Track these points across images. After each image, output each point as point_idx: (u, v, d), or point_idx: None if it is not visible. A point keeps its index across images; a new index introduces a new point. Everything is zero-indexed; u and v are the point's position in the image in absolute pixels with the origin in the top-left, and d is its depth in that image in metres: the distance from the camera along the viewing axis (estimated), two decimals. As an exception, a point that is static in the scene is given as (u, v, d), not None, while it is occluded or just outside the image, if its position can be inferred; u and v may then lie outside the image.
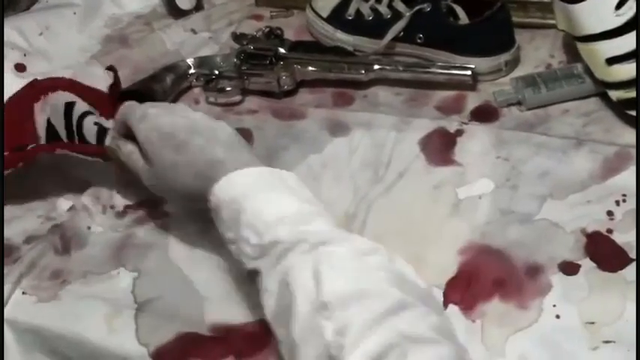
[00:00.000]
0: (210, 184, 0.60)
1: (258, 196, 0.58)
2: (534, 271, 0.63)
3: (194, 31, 1.00)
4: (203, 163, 0.62)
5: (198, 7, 1.05)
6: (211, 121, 0.66)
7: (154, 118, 0.66)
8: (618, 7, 0.72)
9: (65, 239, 0.72)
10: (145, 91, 0.87)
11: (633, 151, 0.72)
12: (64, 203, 0.76)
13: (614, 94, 0.75)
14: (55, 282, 0.68)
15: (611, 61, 0.74)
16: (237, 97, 0.88)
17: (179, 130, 0.64)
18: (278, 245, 0.55)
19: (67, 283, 0.68)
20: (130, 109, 0.69)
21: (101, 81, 0.92)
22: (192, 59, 0.91)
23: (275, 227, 0.56)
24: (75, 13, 1.03)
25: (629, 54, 0.72)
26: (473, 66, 0.83)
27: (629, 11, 0.72)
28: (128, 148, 0.68)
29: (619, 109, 0.76)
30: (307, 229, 0.55)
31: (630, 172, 0.70)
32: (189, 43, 0.98)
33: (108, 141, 0.72)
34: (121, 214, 0.75)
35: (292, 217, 0.56)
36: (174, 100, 0.89)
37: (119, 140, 0.69)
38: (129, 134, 0.68)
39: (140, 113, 0.67)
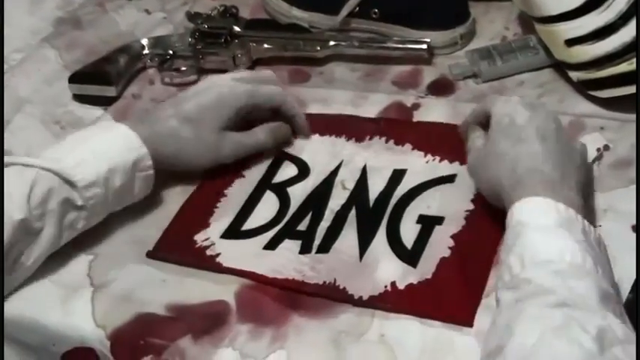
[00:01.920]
0: (517, 192, 0.57)
1: (544, 232, 0.54)
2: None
3: (148, 12, 0.99)
4: (528, 167, 0.59)
5: (152, -13, 1.03)
6: (572, 141, 0.64)
7: (515, 105, 0.63)
8: (576, -12, 0.73)
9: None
10: (98, 72, 0.86)
11: (586, 120, 0.73)
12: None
13: (575, 75, 0.75)
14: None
15: (571, 42, 0.74)
16: (193, 77, 0.87)
17: (531, 126, 0.61)
18: (530, 285, 0.51)
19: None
20: (494, 97, 0.69)
21: (52, 64, 0.91)
22: (147, 40, 0.90)
23: (537, 267, 0.52)
24: (25, -4, 1.01)
25: (589, 35, 0.73)
26: (428, 40, 0.83)
27: (588, -8, 0.72)
28: (477, 133, 0.66)
29: (576, 85, 0.76)
30: (568, 283, 0.50)
31: (584, 141, 0.70)
32: (143, 23, 0.97)
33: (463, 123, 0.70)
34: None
35: (561, 266, 0.51)
36: (129, 82, 0.87)
37: (473, 125, 0.68)
38: (478, 120, 0.68)
39: (505, 98, 0.66)
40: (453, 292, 0.59)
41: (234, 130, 0.72)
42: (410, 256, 0.62)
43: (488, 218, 0.64)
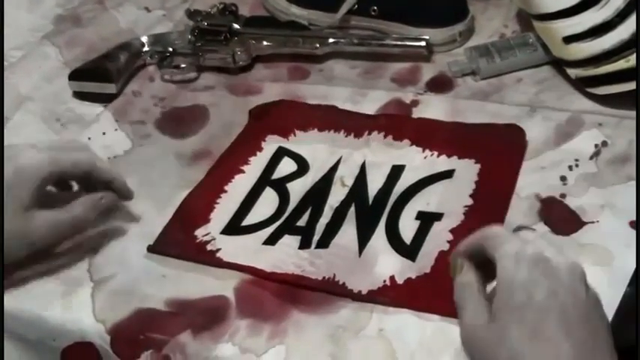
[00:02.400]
0: None
1: None
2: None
3: (147, 9, 0.99)
4: None
5: (152, -16, 1.03)
6: (597, 310, 0.48)
7: (529, 267, 0.47)
8: (575, -15, 0.73)
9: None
10: (98, 69, 0.86)
11: (585, 117, 0.73)
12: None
13: (573, 72, 0.76)
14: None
15: (569, 39, 0.74)
16: (193, 74, 0.87)
17: (552, 314, 0.46)
18: None
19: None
20: (499, 238, 0.50)
21: (52, 62, 0.91)
22: (146, 37, 0.90)
23: None
24: (25, -6, 1.01)
25: (586, 32, 0.73)
26: (427, 37, 0.83)
27: (584, -11, 0.73)
28: (468, 279, 0.51)
29: (574, 82, 0.76)
30: None
31: (582, 138, 0.71)
32: (142, 20, 0.97)
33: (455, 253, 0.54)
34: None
35: None
36: (129, 79, 0.88)
37: (466, 261, 0.52)
38: (474, 255, 0.52)
39: (515, 249, 0.48)
40: (452, 286, 0.59)
41: (45, 207, 0.61)
42: (409, 251, 0.63)
43: (488, 212, 0.64)
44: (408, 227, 0.65)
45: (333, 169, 0.72)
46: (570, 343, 0.45)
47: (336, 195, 0.69)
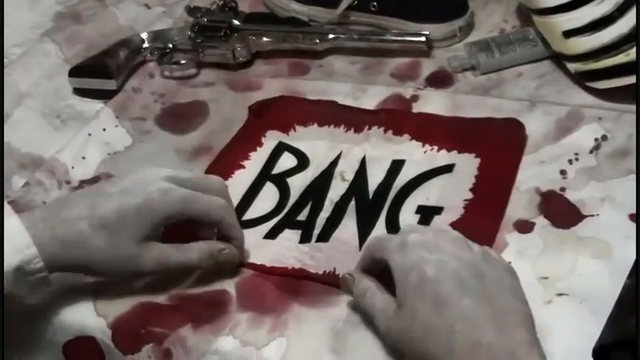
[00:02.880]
0: None
1: None
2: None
3: (147, 6, 0.99)
4: (466, 341, 0.48)
5: (151, -19, 1.03)
6: (487, 264, 0.52)
7: (417, 251, 0.52)
8: (574, -20, 0.73)
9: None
10: (99, 66, 0.86)
11: (585, 111, 0.73)
12: (18, 179, 0.75)
13: (573, 67, 0.76)
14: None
15: (569, 33, 0.74)
16: (193, 70, 0.87)
17: (446, 278, 0.50)
18: None
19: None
20: (381, 239, 0.56)
21: (52, 58, 0.91)
22: (146, 33, 0.90)
23: None
24: (25, -9, 1.01)
25: (585, 27, 0.73)
26: (427, 32, 0.83)
27: (584, -16, 0.73)
28: (364, 285, 0.56)
29: (574, 76, 0.76)
30: None
31: (582, 132, 0.71)
32: (142, 17, 0.97)
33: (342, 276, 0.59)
34: (76, 189, 0.73)
35: None
36: (129, 75, 0.88)
37: (357, 273, 0.57)
38: (370, 269, 0.57)
39: (399, 241, 0.53)
40: None
41: (160, 239, 0.61)
42: None
43: (488, 206, 0.64)
44: (408, 221, 0.65)
45: (334, 163, 0.72)
46: (472, 299, 0.49)
47: (337, 189, 0.69)
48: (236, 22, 0.88)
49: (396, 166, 0.70)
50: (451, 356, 0.48)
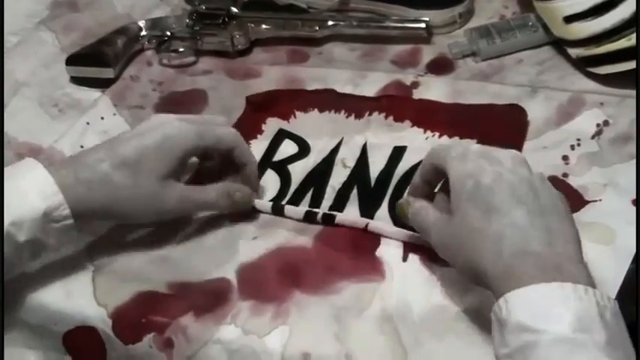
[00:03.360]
0: (508, 280, 0.48)
1: (563, 345, 0.44)
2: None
3: (144, -7, 0.98)
4: (512, 247, 0.49)
5: (148, -31, 1.03)
6: (544, 186, 0.53)
7: (477, 160, 0.53)
8: (574, -35, 0.72)
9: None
10: (96, 54, 0.86)
11: (586, 97, 0.73)
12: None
13: (574, 52, 0.75)
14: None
15: (570, 19, 0.74)
16: (191, 58, 0.87)
17: (501, 188, 0.51)
18: None
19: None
20: (442, 148, 0.57)
21: (49, 47, 0.91)
22: (144, 21, 0.90)
23: None
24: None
25: (587, 11, 0.72)
26: (427, 19, 0.83)
27: (584, -31, 0.72)
28: (418, 205, 0.58)
29: (575, 62, 0.76)
30: None
31: (583, 117, 0.71)
32: (139, 5, 0.96)
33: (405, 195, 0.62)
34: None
35: None
36: (127, 64, 0.87)
37: (409, 197, 0.60)
38: (428, 177, 0.59)
39: (460, 151, 0.55)
40: None
41: (179, 182, 0.63)
42: (412, 230, 0.62)
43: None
44: (409, 208, 0.65)
45: (334, 150, 0.71)
46: (524, 210, 0.50)
47: (338, 177, 0.69)
48: (234, 9, 0.87)
49: (398, 152, 0.70)
50: (497, 262, 0.49)
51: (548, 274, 0.47)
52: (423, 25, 0.82)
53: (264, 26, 0.87)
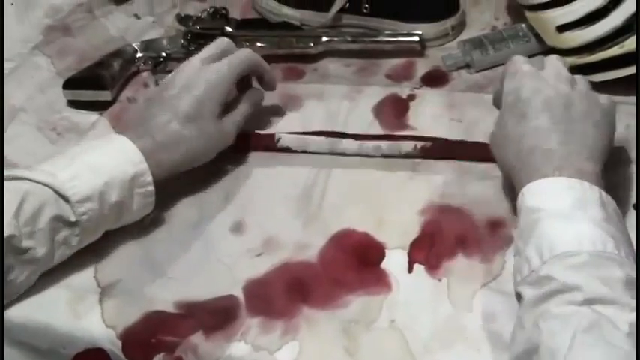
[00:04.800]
0: (528, 177, 0.56)
1: (560, 217, 0.52)
2: (495, 225, 0.64)
3: (137, 16, 0.99)
4: (532, 145, 0.57)
5: (140, -9, 1.03)
6: (583, 100, 0.60)
7: (522, 78, 0.61)
8: (564, -25, 0.73)
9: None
10: (93, 77, 0.86)
11: (581, 104, 0.74)
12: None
13: (567, 61, 0.76)
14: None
15: (562, 28, 0.75)
16: (187, 78, 0.87)
17: (536, 102, 0.59)
18: (552, 282, 0.49)
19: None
20: (508, 64, 0.64)
21: (44, 72, 0.91)
22: (139, 43, 0.90)
23: (558, 262, 0.49)
24: (12, 4, 1.00)
25: (579, 20, 0.73)
26: (420, 32, 0.84)
27: (574, -21, 0.73)
28: (496, 94, 0.66)
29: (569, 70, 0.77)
30: (593, 277, 0.48)
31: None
32: (133, 28, 0.97)
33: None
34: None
35: (584, 257, 0.49)
36: (123, 86, 0.87)
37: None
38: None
39: (513, 70, 0.63)
40: None
41: (227, 111, 0.72)
42: None
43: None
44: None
45: None
46: (547, 115, 0.58)
47: None
48: (228, 28, 0.88)
49: None
50: (520, 161, 0.58)
51: (558, 170, 0.54)
52: (416, 38, 0.84)
53: (258, 44, 0.87)
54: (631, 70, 0.72)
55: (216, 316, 0.60)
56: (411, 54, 0.85)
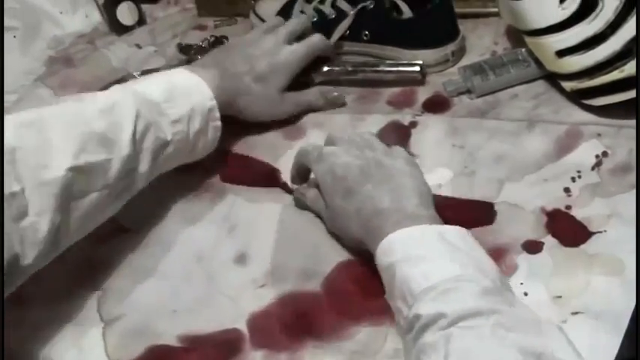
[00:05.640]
0: (375, 241, 0.59)
1: (409, 262, 0.55)
2: (499, 253, 0.64)
3: (139, 46, 1.00)
4: (369, 212, 0.61)
5: (141, 21, 1.04)
6: (387, 157, 0.65)
7: (329, 158, 0.65)
8: (562, 0, 0.73)
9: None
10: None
11: (583, 129, 0.74)
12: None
13: (568, 85, 0.76)
14: (17, 307, 0.66)
15: (561, 53, 0.75)
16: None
17: (352, 173, 0.63)
18: (420, 319, 0.51)
19: (29, 308, 0.66)
20: (305, 151, 0.69)
21: (48, 103, 0.91)
22: (140, 72, 0.90)
23: (419, 300, 0.52)
24: (15, 37, 1.01)
25: (578, 45, 0.73)
26: (420, 62, 0.84)
27: (572, 4, 0.73)
28: (311, 194, 0.69)
29: (570, 94, 0.77)
30: (450, 300, 0.51)
31: (582, 149, 0.72)
32: (134, 58, 0.97)
33: (295, 192, 0.72)
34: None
35: (438, 288, 0.52)
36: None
37: (303, 188, 0.71)
38: (301, 171, 0.71)
39: (317, 154, 0.67)
40: None
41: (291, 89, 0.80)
42: None
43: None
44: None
45: None
46: (372, 183, 0.62)
47: None
48: (229, 58, 0.88)
49: None
50: (364, 230, 0.61)
51: (397, 224, 0.58)
52: (417, 68, 0.83)
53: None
54: (631, 94, 0.71)
55: (220, 349, 0.60)
56: (411, 83, 0.84)
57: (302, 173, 0.71)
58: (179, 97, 0.69)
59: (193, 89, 0.71)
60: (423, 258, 0.55)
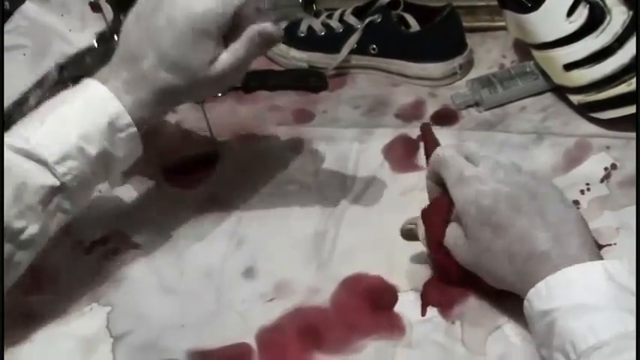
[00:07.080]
0: (527, 283, 0.52)
1: (573, 312, 0.49)
2: (508, 265, 0.63)
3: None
4: (524, 255, 0.53)
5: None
6: (542, 185, 0.56)
7: (473, 184, 0.56)
8: (569, 14, 0.74)
9: (36, 278, 0.70)
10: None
11: (592, 141, 0.74)
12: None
13: (575, 99, 0.76)
14: (27, 323, 0.66)
15: (569, 67, 0.75)
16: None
17: (501, 207, 0.55)
18: None
19: (38, 324, 0.66)
20: (444, 163, 0.59)
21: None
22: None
23: (586, 358, 0.47)
24: (24, 55, 1.01)
25: (586, 59, 0.74)
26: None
27: (579, 18, 0.73)
28: (451, 231, 0.59)
29: (578, 107, 0.77)
30: None
31: (591, 162, 0.72)
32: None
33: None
34: (88, 250, 0.73)
35: (607, 347, 0.47)
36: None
37: (413, 219, 0.63)
38: (436, 178, 0.61)
39: (457, 176, 0.58)
40: None
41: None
42: None
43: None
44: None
45: None
46: (525, 218, 0.54)
47: None
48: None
49: None
50: (514, 272, 0.54)
51: (557, 267, 0.51)
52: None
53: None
54: (640, 107, 0.71)
55: (230, 364, 0.60)
56: (420, 94, 0.85)
57: (437, 179, 0.61)
58: (61, 130, 0.58)
59: (81, 112, 0.59)
60: (590, 307, 0.49)
